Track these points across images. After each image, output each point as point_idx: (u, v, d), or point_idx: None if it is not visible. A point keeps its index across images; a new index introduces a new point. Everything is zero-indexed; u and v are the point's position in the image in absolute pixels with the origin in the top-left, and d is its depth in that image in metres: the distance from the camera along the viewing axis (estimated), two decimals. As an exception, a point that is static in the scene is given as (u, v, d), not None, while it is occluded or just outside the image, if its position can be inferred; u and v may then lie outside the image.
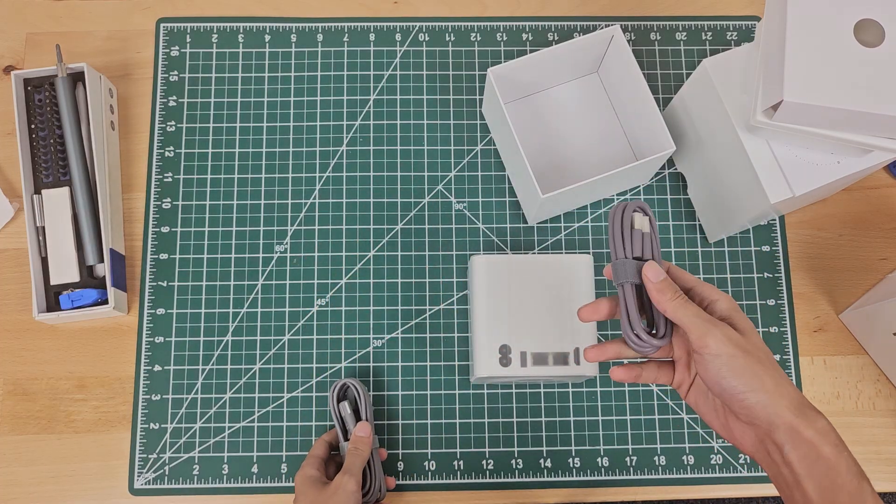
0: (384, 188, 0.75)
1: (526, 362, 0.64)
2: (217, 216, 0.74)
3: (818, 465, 0.43)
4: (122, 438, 0.69)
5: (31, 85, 0.72)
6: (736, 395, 0.44)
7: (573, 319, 0.65)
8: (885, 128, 0.56)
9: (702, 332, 0.44)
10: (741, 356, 0.43)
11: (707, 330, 0.44)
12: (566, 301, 0.65)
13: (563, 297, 0.65)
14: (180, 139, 0.75)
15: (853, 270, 0.74)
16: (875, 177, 0.76)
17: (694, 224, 0.74)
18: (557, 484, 0.69)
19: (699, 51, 0.78)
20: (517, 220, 0.74)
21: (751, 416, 0.44)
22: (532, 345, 0.64)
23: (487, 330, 0.65)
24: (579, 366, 0.64)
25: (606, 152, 0.74)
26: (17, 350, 0.71)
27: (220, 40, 0.78)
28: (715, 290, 0.48)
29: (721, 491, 0.69)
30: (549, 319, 0.65)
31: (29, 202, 0.70)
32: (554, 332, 0.65)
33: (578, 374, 0.65)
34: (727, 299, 0.47)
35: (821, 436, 0.43)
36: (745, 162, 0.62)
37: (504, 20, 0.79)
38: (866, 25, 0.55)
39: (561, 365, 0.64)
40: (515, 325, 0.65)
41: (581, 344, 0.64)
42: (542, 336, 0.64)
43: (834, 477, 0.43)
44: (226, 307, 0.72)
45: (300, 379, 0.70)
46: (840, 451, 0.43)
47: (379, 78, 0.77)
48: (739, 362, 0.43)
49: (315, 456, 0.64)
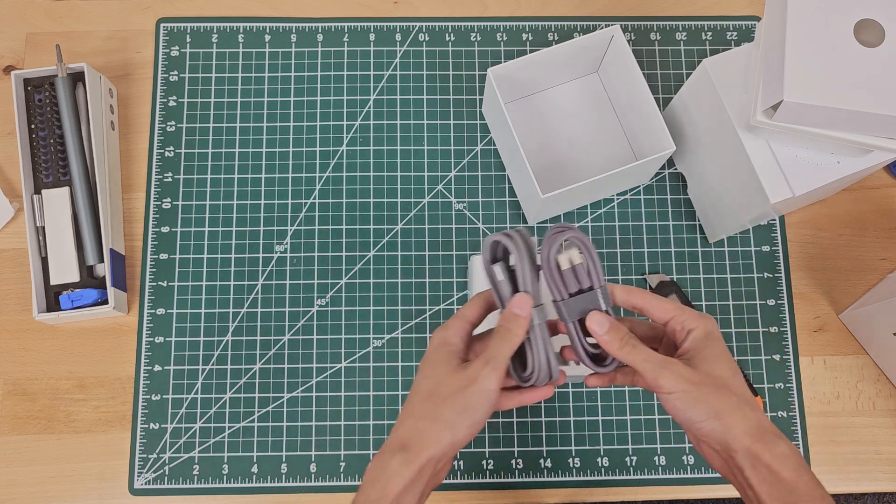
0: (384, 188, 0.75)
1: (526, 362, 0.64)
2: (217, 216, 0.74)
3: (778, 487, 0.44)
4: (122, 438, 0.69)
5: (31, 85, 0.72)
6: (694, 425, 0.45)
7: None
8: (885, 128, 0.56)
9: (653, 375, 0.45)
10: (694, 390, 0.45)
11: (658, 372, 0.45)
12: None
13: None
14: (180, 139, 0.75)
15: (853, 270, 0.74)
16: (875, 177, 0.76)
17: (694, 224, 0.74)
18: (557, 484, 0.69)
19: (699, 51, 0.78)
20: (517, 220, 0.74)
21: (710, 442, 0.46)
22: (532, 345, 0.64)
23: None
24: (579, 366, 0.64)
25: (606, 152, 0.74)
26: (17, 350, 0.71)
27: (220, 40, 0.78)
28: (694, 318, 0.47)
29: (721, 491, 0.69)
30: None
31: (29, 202, 0.70)
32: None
33: (578, 374, 0.64)
34: (703, 327, 0.47)
35: (780, 460, 0.44)
36: (745, 162, 0.62)
37: (504, 20, 0.79)
38: (866, 25, 0.55)
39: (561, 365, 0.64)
40: (515, 325, 0.64)
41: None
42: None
43: (794, 500, 0.43)
44: (226, 307, 0.72)
45: (300, 379, 0.70)
46: (801, 475, 0.44)
47: (379, 78, 0.77)
48: (692, 395, 0.45)
49: (465, 319, 0.49)
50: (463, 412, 0.46)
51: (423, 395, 0.47)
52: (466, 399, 0.46)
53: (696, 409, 0.45)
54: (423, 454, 0.46)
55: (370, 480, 0.46)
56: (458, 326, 0.49)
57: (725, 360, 0.47)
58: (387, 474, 0.46)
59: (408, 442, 0.46)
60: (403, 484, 0.45)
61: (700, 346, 0.47)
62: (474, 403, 0.46)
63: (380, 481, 0.46)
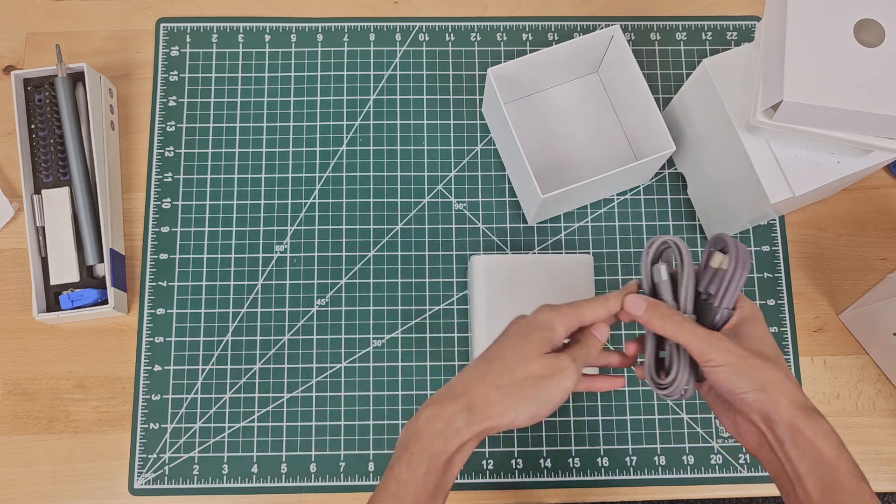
0: (384, 188, 0.75)
1: (526, 362, 0.64)
2: (217, 216, 0.74)
3: (819, 464, 0.44)
4: (122, 438, 0.69)
5: (31, 85, 0.72)
6: (737, 395, 0.46)
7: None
8: (885, 128, 0.56)
9: (702, 348, 0.47)
10: (741, 363, 0.46)
11: (707, 346, 0.47)
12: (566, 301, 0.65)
13: (562, 297, 0.65)
14: (180, 139, 0.75)
15: (853, 270, 0.74)
16: (875, 177, 0.76)
17: (694, 224, 0.74)
18: (557, 484, 0.69)
19: (699, 51, 0.78)
20: (517, 220, 0.74)
21: (751, 414, 0.47)
22: (532, 345, 0.64)
23: (487, 330, 0.65)
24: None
25: (606, 152, 0.74)
26: (17, 350, 0.71)
27: (220, 40, 0.78)
28: (742, 298, 0.50)
29: (721, 491, 0.69)
30: (549, 319, 0.65)
31: (29, 202, 0.70)
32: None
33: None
34: (749, 307, 0.50)
35: (822, 437, 0.45)
36: (745, 162, 0.62)
37: (504, 20, 0.79)
38: (866, 25, 0.55)
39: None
40: (515, 325, 0.65)
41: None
42: (542, 336, 0.64)
43: (835, 476, 0.44)
44: (226, 307, 0.72)
45: (300, 379, 0.70)
46: (841, 453, 0.44)
47: (379, 78, 0.77)
48: (739, 367, 0.46)
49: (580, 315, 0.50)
50: (535, 399, 0.47)
51: (506, 365, 0.47)
52: (544, 390, 0.47)
53: (743, 380, 0.46)
54: (486, 422, 0.46)
55: (432, 432, 0.47)
56: (569, 317, 0.49)
57: (770, 340, 0.48)
58: (450, 429, 0.46)
59: (475, 405, 0.47)
60: (462, 442, 0.46)
61: (746, 324, 0.48)
62: (550, 396, 0.47)
63: (443, 434, 0.46)
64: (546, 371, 0.47)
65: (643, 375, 0.52)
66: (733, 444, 0.69)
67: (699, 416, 0.70)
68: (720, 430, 0.70)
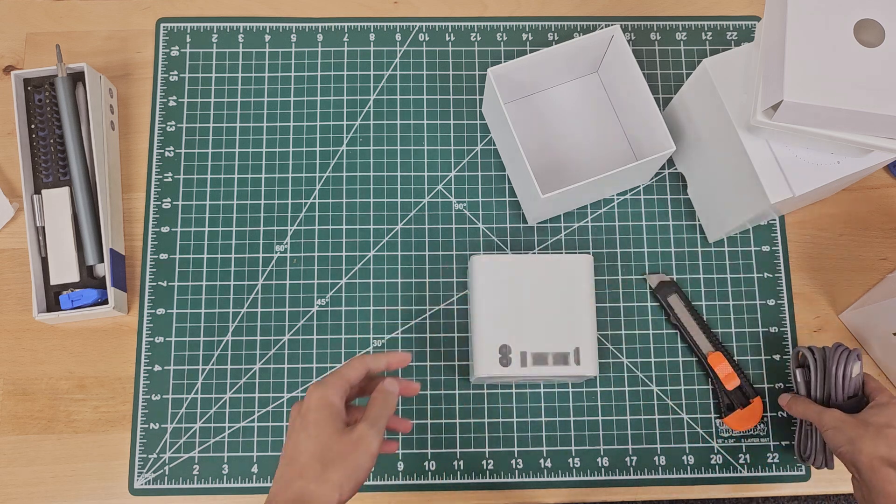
0: (384, 188, 0.75)
1: (526, 362, 0.64)
2: (217, 216, 0.74)
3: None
4: (122, 438, 0.69)
5: (31, 85, 0.72)
6: (837, 449, 0.60)
7: (573, 319, 0.65)
8: (885, 128, 0.56)
9: (817, 417, 0.62)
10: (842, 426, 0.59)
11: (819, 415, 0.62)
12: (566, 301, 0.65)
13: (563, 296, 0.65)
14: (180, 139, 0.75)
15: (853, 270, 0.74)
16: (875, 177, 0.76)
17: (694, 224, 0.74)
18: (557, 484, 0.69)
19: (699, 51, 0.78)
20: (517, 220, 0.74)
21: (846, 463, 0.59)
22: (532, 345, 0.64)
23: (487, 330, 0.65)
24: (579, 366, 0.64)
25: (606, 152, 0.74)
26: (17, 350, 0.71)
27: (220, 40, 0.78)
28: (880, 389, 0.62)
29: (721, 491, 0.69)
30: (549, 319, 0.65)
31: (29, 202, 0.70)
32: (554, 332, 0.65)
33: (578, 374, 0.65)
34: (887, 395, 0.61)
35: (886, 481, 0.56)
36: (745, 162, 0.62)
37: (504, 20, 0.79)
38: (866, 25, 0.55)
39: (561, 365, 0.64)
40: (515, 325, 0.65)
41: (581, 344, 0.64)
42: (542, 336, 0.64)
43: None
44: (226, 307, 0.72)
45: (300, 379, 0.70)
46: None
47: (379, 78, 0.77)
48: (840, 429, 0.59)
49: (346, 380, 0.52)
50: (351, 473, 0.49)
51: (310, 456, 0.49)
52: (355, 462, 0.49)
53: (838, 437, 0.59)
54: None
55: None
56: (338, 386, 0.51)
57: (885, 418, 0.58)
58: None
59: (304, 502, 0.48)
60: None
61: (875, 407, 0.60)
62: (362, 465, 0.49)
63: None
64: (349, 446, 0.49)
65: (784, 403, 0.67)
66: (733, 444, 0.69)
67: (699, 416, 0.70)
68: (720, 430, 0.70)
